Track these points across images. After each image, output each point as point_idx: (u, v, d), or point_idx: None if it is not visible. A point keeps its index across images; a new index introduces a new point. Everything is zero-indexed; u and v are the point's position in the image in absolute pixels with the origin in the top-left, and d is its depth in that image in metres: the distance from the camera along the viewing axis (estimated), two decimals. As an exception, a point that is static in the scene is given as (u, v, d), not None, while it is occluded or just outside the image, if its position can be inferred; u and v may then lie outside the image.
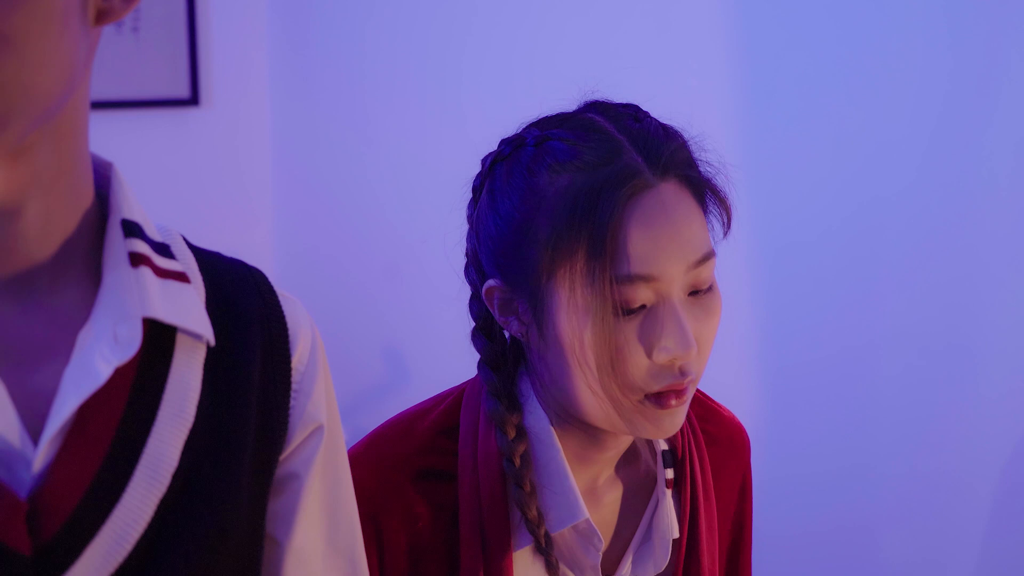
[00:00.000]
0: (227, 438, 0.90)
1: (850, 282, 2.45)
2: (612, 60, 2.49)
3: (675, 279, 1.14)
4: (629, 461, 1.29)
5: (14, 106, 0.77)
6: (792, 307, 2.51)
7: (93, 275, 0.88)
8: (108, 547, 0.82)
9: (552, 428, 1.22)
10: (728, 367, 2.55)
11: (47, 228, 0.85)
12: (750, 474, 1.39)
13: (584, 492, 1.25)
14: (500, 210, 1.18)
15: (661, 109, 1.27)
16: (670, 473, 1.28)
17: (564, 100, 1.25)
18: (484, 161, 1.24)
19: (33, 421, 0.81)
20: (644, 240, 1.12)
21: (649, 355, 1.14)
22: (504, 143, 1.23)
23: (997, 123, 2.29)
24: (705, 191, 1.19)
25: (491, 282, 1.20)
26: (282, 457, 0.95)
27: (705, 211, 1.19)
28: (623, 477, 1.29)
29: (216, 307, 0.92)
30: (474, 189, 1.25)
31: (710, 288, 1.19)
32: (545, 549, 1.21)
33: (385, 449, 1.23)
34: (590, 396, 1.16)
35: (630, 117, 1.19)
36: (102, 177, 0.92)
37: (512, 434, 1.21)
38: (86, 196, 0.88)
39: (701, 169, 1.20)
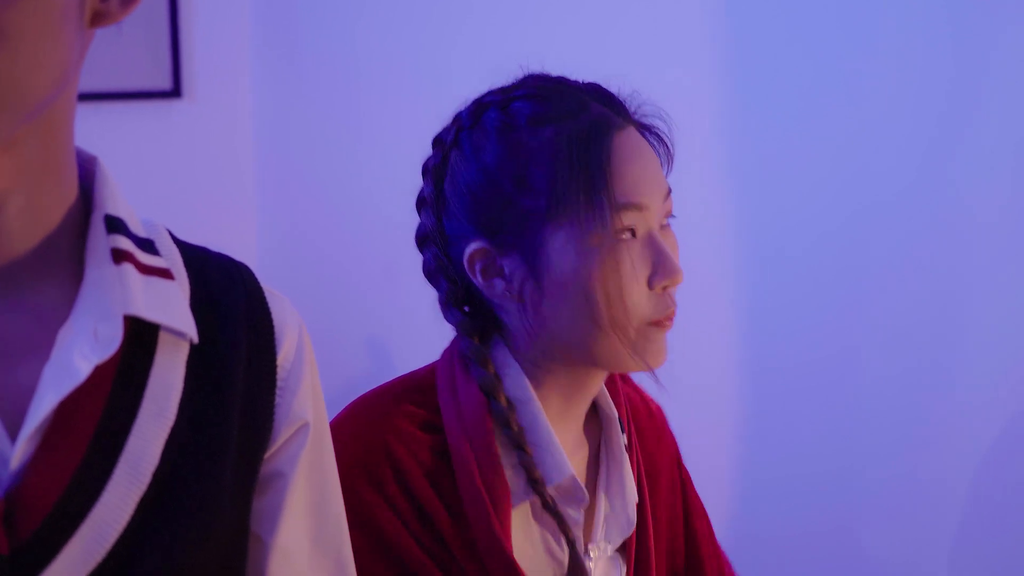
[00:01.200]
0: (210, 436, 0.89)
1: (834, 286, 2.46)
2: (604, 62, 2.48)
3: (656, 209, 1.25)
4: (590, 430, 1.35)
5: (6, 102, 0.77)
6: (776, 310, 2.51)
7: (76, 271, 0.87)
8: (86, 546, 0.81)
9: (532, 390, 1.27)
10: (712, 370, 2.56)
11: (30, 223, 0.84)
12: (678, 451, 1.44)
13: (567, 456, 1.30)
14: (484, 172, 1.24)
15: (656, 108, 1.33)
16: (625, 439, 1.35)
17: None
18: (444, 138, 1.30)
19: (12, 418, 0.81)
20: (632, 172, 1.23)
21: (648, 280, 1.23)
22: (460, 117, 1.30)
23: (991, 129, 2.30)
24: (652, 136, 1.30)
25: (474, 245, 1.25)
26: (267, 455, 0.94)
27: (658, 156, 1.30)
28: (589, 441, 1.34)
29: (201, 303, 0.92)
30: (433, 167, 1.30)
31: (669, 226, 1.29)
32: (552, 507, 1.25)
33: (363, 413, 1.27)
34: (598, 334, 1.22)
35: (568, 80, 1.30)
36: (86, 172, 0.91)
37: (505, 402, 1.26)
38: (70, 191, 0.87)
39: (646, 117, 1.31)
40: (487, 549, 1.21)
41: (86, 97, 2.69)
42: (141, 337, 0.87)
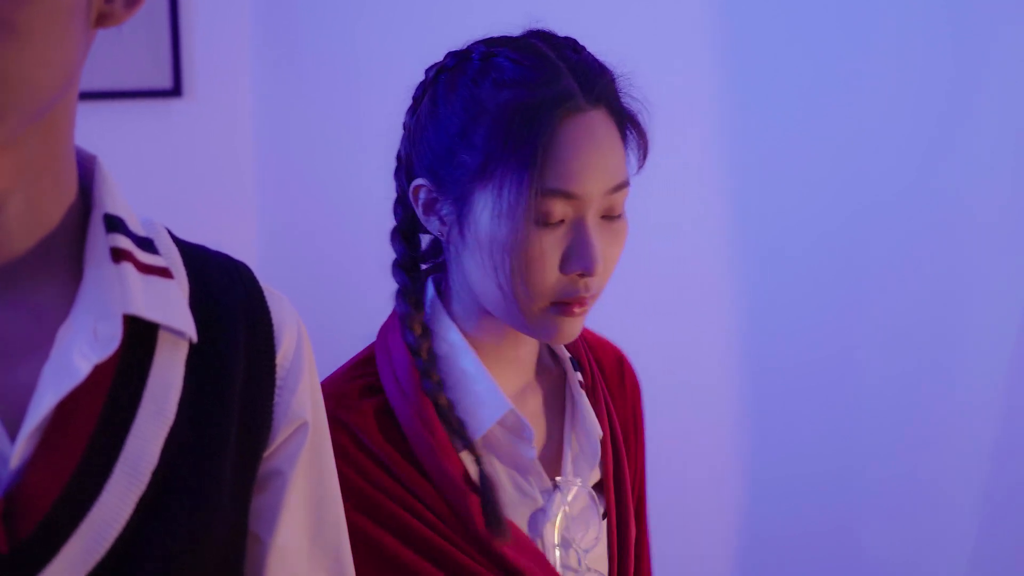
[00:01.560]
0: (209, 435, 0.89)
1: (834, 286, 2.45)
2: (607, 61, 2.48)
3: (593, 200, 1.24)
4: (543, 371, 1.39)
5: (15, 100, 0.77)
6: (776, 310, 2.51)
7: (75, 270, 0.87)
8: (85, 546, 0.81)
9: (461, 332, 1.32)
10: (713, 370, 2.55)
11: (30, 222, 0.84)
12: (641, 397, 1.48)
13: (515, 397, 1.34)
14: (440, 115, 1.28)
15: (654, 107, 1.33)
16: (580, 376, 1.39)
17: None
18: (428, 72, 1.34)
19: (11, 417, 0.81)
20: (571, 159, 1.23)
21: (561, 268, 1.25)
22: (450, 55, 1.32)
23: (990, 129, 2.29)
24: (627, 124, 1.31)
25: (419, 180, 1.29)
26: (266, 454, 0.94)
27: (625, 143, 1.30)
28: (541, 384, 1.38)
29: (200, 302, 0.92)
30: (415, 97, 1.34)
31: (620, 216, 1.29)
32: (470, 443, 1.28)
33: (334, 376, 1.34)
34: (500, 297, 1.26)
35: (570, 48, 1.30)
36: (86, 171, 0.91)
37: (419, 331, 1.31)
38: (70, 190, 0.87)
39: (627, 103, 1.31)
40: (446, 488, 1.26)
41: (86, 96, 2.69)
42: (140, 336, 0.87)
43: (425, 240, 1.38)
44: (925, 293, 2.37)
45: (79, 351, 0.82)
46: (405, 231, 1.36)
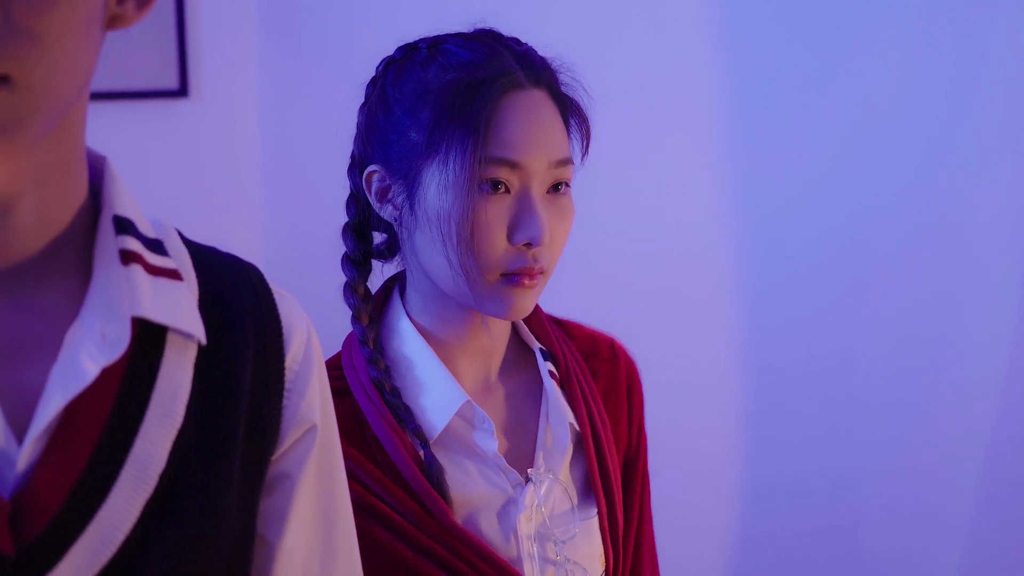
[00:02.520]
0: (217, 438, 0.88)
1: (837, 282, 2.45)
2: (606, 63, 2.48)
3: (536, 172, 1.29)
4: (515, 365, 1.42)
5: (38, 107, 0.77)
6: (779, 307, 2.51)
7: (84, 272, 0.87)
8: (92, 548, 0.81)
9: (414, 324, 1.36)
10: (714, 367, 2.55)
11: (40, 223, 0.84)
12: (637, 379, 1.49)
13: (479, 391, 1.37)
14: (389, 100, 1.33)
15: (656, 106, 1.33)
16: (551, 367, 1.41)
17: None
18: (378, 67, 1.40)
19: (18, 419, 0.80)
20: (513, 129, 1.28)
21: (508, 238, 1.28)
22: (398, 48, 1.38)
23: (992, 126, 2.29)
24: (569, 109, 1.35)
25: (371, 167, 1.34)
26: (274, 457, 0.94)
27: (568, 127, 1.35)
28: (513, 377, 1.41)
29: (209, 304, 0.91)
30: (367, 93, 1.39)
31: (566, 193, 1.33)
32: (421, 433, 1.30)
33: None
34: (450, 271, 1.29)
35: (514, 41, 1.36)
36: (96, 172, 0.91)
37: (366, 321, 1.36)
38: (80, 191, 0.87)
39: (567, 90, 1.36)
40: (414, 484, 1.28)
41: (92, 96, 2.68)
42: (149, 338, 0.86)
43: (378, 239, 1.43)
44: (926, 291, 2.37)
45: (87, 353, 0.82)
46: (356, 227, 1.40)
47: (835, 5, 2.42)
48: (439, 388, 1.33)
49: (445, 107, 1.28)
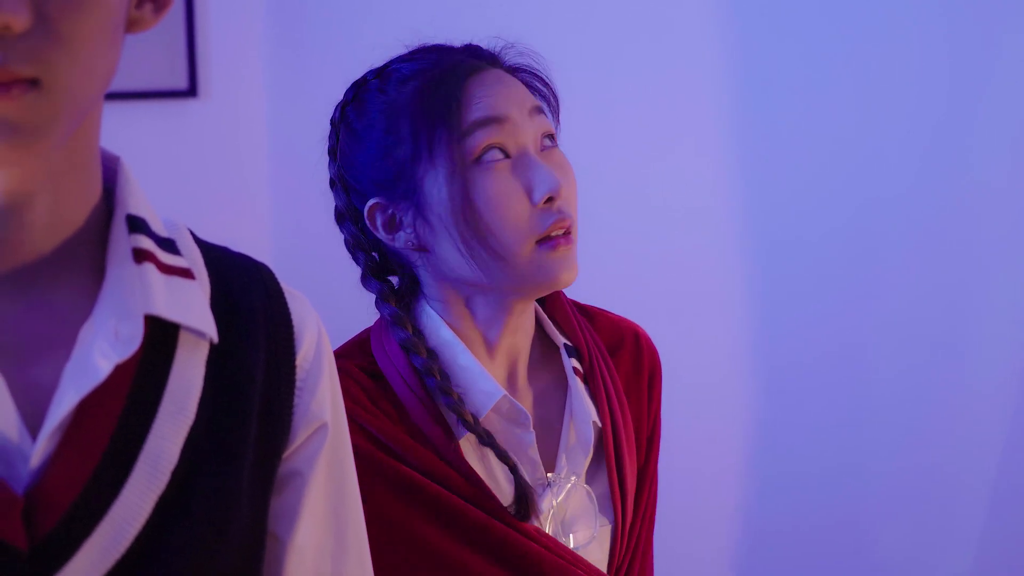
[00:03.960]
0: (228, 436, 0.89)
1: (845, 280, 2.45)
2: (610, 61, 2.49)
3: (519, 123, 1.30)
4: (541, 362, 1.40)
5: (65, 110, 0.78)
6: (787, 305, 2.50)
7: (97, 270, 0.87)
8: (105, 544, 0.82)
9: (454, 334, 1.32)
10: (722, 365, 2.55)
11: (54, 222, 0.85)
12: (659, 369, 1.49)
13: (510, 390, 1.35)
14: (360, 133, 1.33)
15: (658, 105, 1.34)
16: (575, 363, 1.40)
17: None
18: (332, 118, 1.39)
19: (32, 416, 0.81)
20: (482, 96, 1.29)
21: (529, 197, 1.28)
22: (347, 91, 1.38)
23: (993, 125, 2.29)
24: (530, 77, 1.37)
25: (372, 201, 1.33)
26: (285, 455, 0.95)
27: (532, 91, 1.36)
28: (541, 376, 1.40)
29: (221, 303, 0.92)
30: (330, 150, 1.39)
31: (557, 148, 1.34)
32: (474, 426, 1.29)
33: None
34: (491, 262, 1.28)
35: (454, 45, 1.38)
36: (110, 171, 0.92)
37: (426, 354, 1.31)
38: (94, 191, 0.88)
39: (521, 59, 1.38)
40: (452, 463, 1.28)
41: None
42: (161, 336, 0.87)
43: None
44: (935, 288, 2.37)
45: (100, 351, 0.82)
46: (376, 270, 1.38)
47: (839, 2, 2.43)
48: (478, 379, 1.31)
49: (418, 109, 1.29)
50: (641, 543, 1.43)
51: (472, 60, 1.33)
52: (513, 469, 1.30)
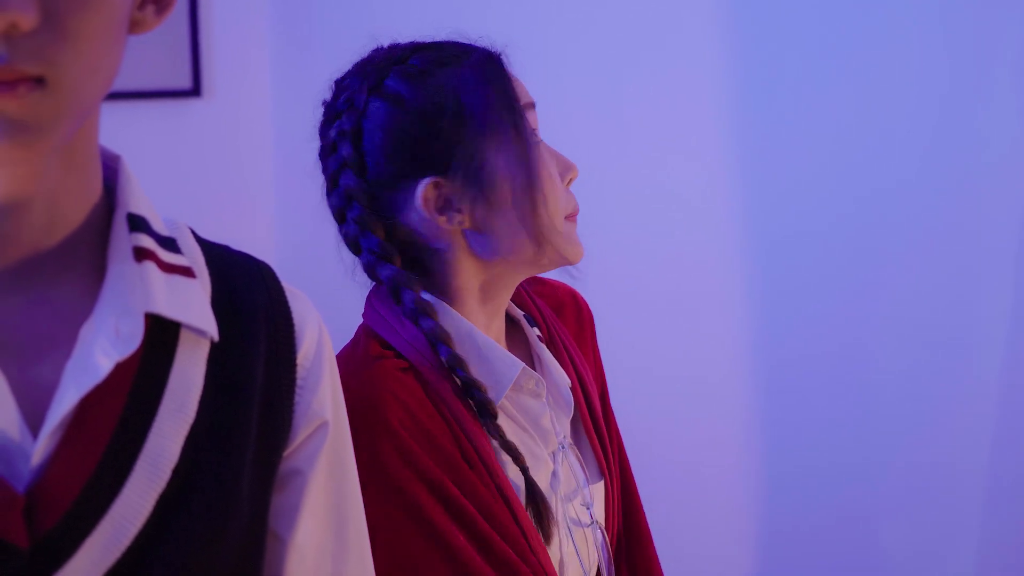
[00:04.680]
0: (229, 434, 0.89)
1: (847, 277, 2.45)
2: (613, 59, 2.49)
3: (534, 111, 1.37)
4: (512, 337, 1.44)
5: (68, 108, 0.78)
6: (788, 302, 2.51)
7: (98, 269, 0.87)
8: (106, 542, 0.82)
9: (460, 315, 1.33)
10: (724, 362, 2.56)
11: (54, 221, 0.85)
12: (594, 323, 1.54)
13: None
14: (417, 113, 1.31)
15: (660, 103, 1.35)
16: (538, 331, 1.44)
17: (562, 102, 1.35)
18: (353, 103, 1.39)
19: (33, 414, 0.81)
20: (516, 83, 1.35)
21: (562, 178, 1.35)
22: (362, 81, 1.40)
23: (993, 125, 2.29)
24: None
25: (425, 182, 1.31)
26: (286, 453, 0.95)
27: None
28: (519, 348, 1.43)
29: (222, 302, 0.92)
30: (351, 131, 1.37)
31: None
32: (495, 428, 1.30)
33: (356, 376, 1.29)
34: (540, 236, 1.31)
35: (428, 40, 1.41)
36: (110, 170, 0.92)
37: (417, 288, 1.32)
38: (94, 190, 0.88)
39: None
40: (479, 455, 1.28)
41: (106, 96, 2.69)
42: (162, 335, 0.87)
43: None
44: (934, 286, 2.37)
45: (101, 349, 0.82)
46: (388, 253, 1.36)
47: (839, 2, 2.43)
48: (499, 358, 1.33)
49: (484, 87, 1.31)
50: (624, 496, 1.46)
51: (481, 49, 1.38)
52: (525, 472, 1.30)
